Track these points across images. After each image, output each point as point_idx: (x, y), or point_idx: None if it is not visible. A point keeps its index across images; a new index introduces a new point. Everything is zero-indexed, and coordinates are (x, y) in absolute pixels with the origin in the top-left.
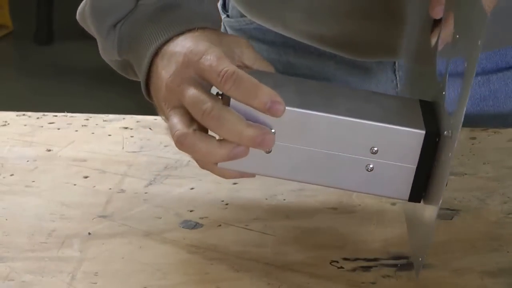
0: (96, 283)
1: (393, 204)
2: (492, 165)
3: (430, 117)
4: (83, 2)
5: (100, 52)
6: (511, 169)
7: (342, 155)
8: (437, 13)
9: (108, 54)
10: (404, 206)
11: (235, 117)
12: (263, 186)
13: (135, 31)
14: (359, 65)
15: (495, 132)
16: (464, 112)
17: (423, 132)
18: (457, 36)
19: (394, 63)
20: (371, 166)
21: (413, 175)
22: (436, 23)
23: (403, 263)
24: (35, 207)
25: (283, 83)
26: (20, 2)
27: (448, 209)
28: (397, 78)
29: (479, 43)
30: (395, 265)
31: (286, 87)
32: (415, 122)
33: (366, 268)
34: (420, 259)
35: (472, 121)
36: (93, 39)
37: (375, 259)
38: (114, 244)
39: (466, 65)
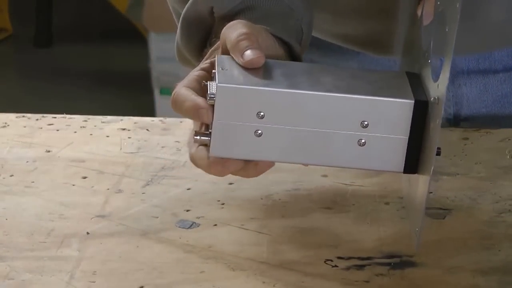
0: (94, 281)
1: (387, 203)
2: (484, 165)
3: (418, 87)
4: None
5: None
6: (503, 169)
7: (333, 132)
8: None
9: None
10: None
11: (183, 95)
12: (258, 186)
13: None
14: (382, 62)
15: (487, 133)
16: (448, 76)
17: (412, 101)
18: (438, 2)
19: None
20: (363, 140)
21: (405, 146)
22: None
23: (396, 262)
24: (34, 207)
25: (270, 67)
26: (19, 5)
27: (440, 208)
28: None
29: (457, 6)
30: (388, 264)
31: (273, 71)
32: (403, 92)
33: (360, 267)
34: (416, 229)
35: (493, 119)
36: (92, 43)
37: (368, 258)
38: (112, 244)
39: (447, 29)
